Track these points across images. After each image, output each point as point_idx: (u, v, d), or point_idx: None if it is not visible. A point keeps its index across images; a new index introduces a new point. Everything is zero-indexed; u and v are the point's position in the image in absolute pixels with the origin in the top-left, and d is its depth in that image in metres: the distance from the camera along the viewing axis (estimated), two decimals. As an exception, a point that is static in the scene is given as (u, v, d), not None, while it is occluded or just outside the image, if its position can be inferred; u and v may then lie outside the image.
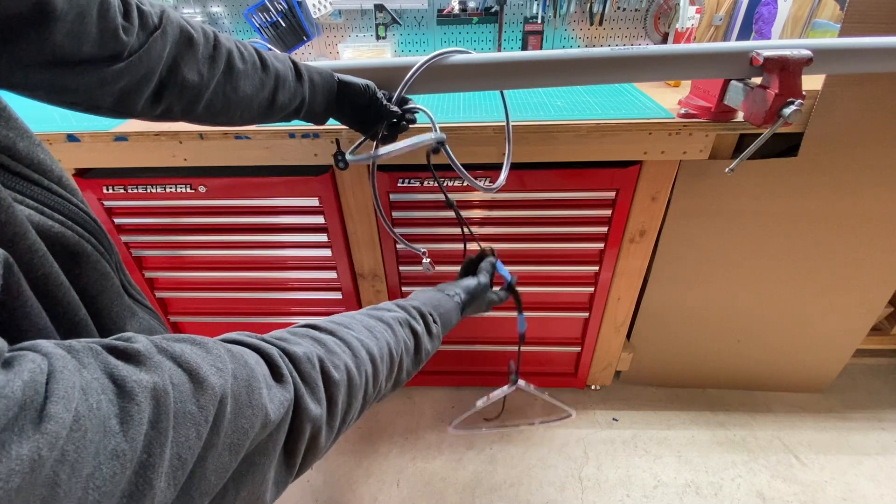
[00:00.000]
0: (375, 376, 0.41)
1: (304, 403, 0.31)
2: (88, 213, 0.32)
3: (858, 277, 1.09)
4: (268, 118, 0.59)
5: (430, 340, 0.52)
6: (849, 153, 0.92)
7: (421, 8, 1.31)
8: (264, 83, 0.55)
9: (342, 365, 0.36)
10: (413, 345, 0.49)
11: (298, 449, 0.31)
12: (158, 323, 0.40)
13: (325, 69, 0.63)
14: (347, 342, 0.39)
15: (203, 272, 1.12)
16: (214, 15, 1.39)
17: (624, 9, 1.29)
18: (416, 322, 0.50)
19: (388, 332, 0.45)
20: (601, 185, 0.96)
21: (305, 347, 0.35)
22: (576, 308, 1.18)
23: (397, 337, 0.46)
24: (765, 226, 1.02)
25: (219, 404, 0.24)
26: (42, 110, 1.03)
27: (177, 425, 0.22)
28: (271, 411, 0.28)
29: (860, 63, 0.66)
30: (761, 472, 1.16)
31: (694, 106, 0.86)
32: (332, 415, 0.34)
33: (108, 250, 0.32)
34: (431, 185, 0.96)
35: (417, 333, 0.50)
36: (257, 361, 0.29)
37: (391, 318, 0.47)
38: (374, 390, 0.41)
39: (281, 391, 0.29)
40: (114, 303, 0.32)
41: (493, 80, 0.68)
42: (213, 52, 0.50)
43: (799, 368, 1.30)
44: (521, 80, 0.68)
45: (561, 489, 1.14)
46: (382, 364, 0.42)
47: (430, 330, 0.52)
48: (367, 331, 0.43)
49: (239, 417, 0.25)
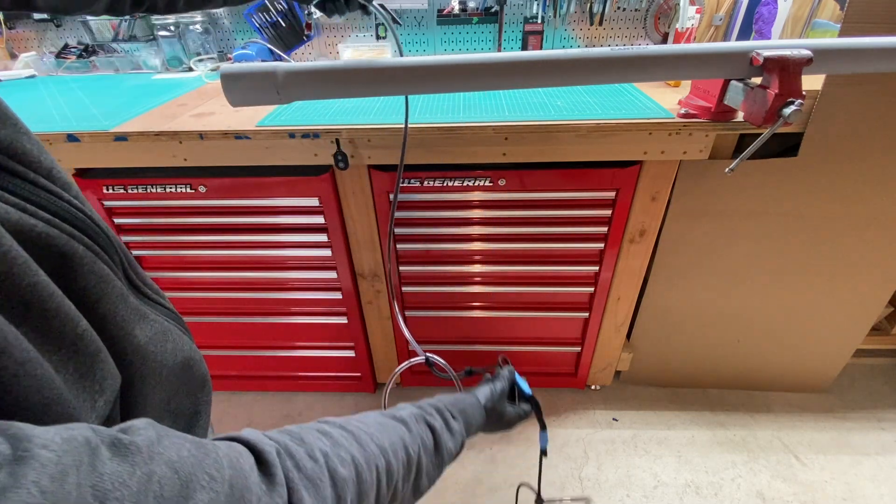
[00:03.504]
0: (389, 473, 0.37)
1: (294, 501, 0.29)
2: (83, 210, 0.28)
3: (858, 277, 1.09)
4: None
5: (452, 438, 0.48)
6: (849, 153, 0.92)
7: (421, 8, 1.31)
8: None
9: (349, 458, 0.34)
10: (431, 442, 0.45)
11: None
12: (176, 323, 0.38)
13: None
14: (356, 435, 0.37)
15: (203, 272, 1.12)
16: (214, 15, 1.39)
17: (624, 9, 1.29)
18: (432, 418, 0.47)
19: (401, 428, 0.42)
20: (601, 185, 0.96)
21: (309, 442, 0.33)
22: (576, 308, 1.18)
23: (412, 433, 0.43)
24: (765, 226, 1.02)
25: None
26: (42, 111, 1.03)
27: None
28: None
29: (860, 63, 0.65)
30: (761, 472, 1.16)
31: (694, 106, 0.86)
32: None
33: (107, 249, 0.30)
34: (432, 184, 0.96)
35: (435, 430, 0.46)
36: (252, 467, 0.27)
37: (405, 415, 0.45)
38: (388, 490, 0.38)
39: (268, 498, 0.27)
40: (118, 308, 0.29)
41: (492, 80, 0.68)
42: None
43: (799, 368, 1.30)
44: (522, 80, 0.67)
45: (561, 489, 1.14)
46: (397, 461, 0.39)
47: (450, 426, 0.49)
48: (379, 426, 0.40)
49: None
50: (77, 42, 1.44)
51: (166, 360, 0.33)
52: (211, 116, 0.95)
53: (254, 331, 1.24)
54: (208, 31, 1.39)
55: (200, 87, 1.21)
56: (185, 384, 0.36)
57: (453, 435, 0.49)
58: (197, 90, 1.17)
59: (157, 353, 0.32)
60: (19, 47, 1.47)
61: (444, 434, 0.47)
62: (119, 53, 1.44)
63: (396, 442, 0.40)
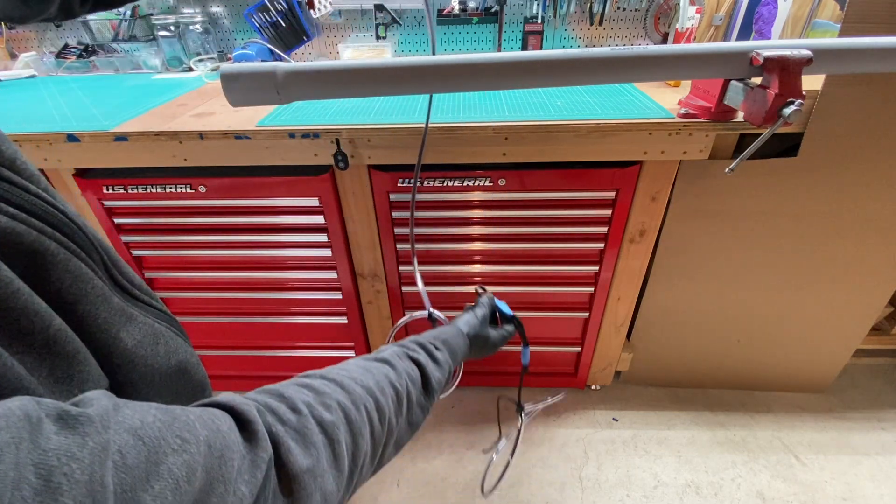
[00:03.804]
0: (380, 410, 0.38)
1: (289, 457, 0.28)
2: (54, 205, 0.26)
3: (858, 277, 1.09)
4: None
5: (438, 368, 0.49)
6: (849, 153, 0.92)
7: (421, 8, 1.30)
8: None
9: (335, 404, 0.34)
10: (418, 375, 0.46)
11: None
12: (169, 325, 0.36)
13: None
14: (338, 382, 0.37)
15: (203, 272, 1.12)
16: (214, 15, 1.39)
17: (624, 9, 1.29)
18: (415, 353, 0.48)
19: (385, 367, 0.43)
20: (601, 185, 0.96)
21: (289, 396, 0.32)
22: (576, 308, 1.18)
23: (397, 370, 0.43)
24: (765, 226, 1.02)
25: (185, 482, 0.20)
26: (42, 111, 1.03)
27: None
28: (246, 489, 0.24)
29: (860, 63, 0.65)
30: (761, 472, 1.16)
31: (694, 106, 0.86)
32: (338, 457, 0.32)
33: (84, 247, 0.28)
34: (432, 184, 0.96)
35: (420, 363, 0.47)
36: (231, 427, 0.26)
37: (387, 355, 0.45)
38: (382, 428, 0.38)
39: (252, 455, 0.26)
40: (99, 309, 0.28)
41: (492, 80, 0.68)
42: None
43: (799, 368, 1.30)
44: (521, 80, 0.67)
45: (561, 489, 1.14)
46: (385, 397, 0.39)
47: (435, 357, 0.50)
48: (362, 370, 0.41)
49: (210, 496, 0.22)
50: (77, 42, 1.44)
51: (159, 365, 0.32)
52: (211, 116, 0.95)
53: (254, 331, 1.24)
54: (208, 31, 1.39)
55: (200, 87, 1.21)
56: (182, 389, 0.35)
57: (440, 365, 0.49)
58: (197, 90, 1.17)
59: (148, 357, 0.31)
60: (19, 47, 1.47)
61: (430, 365, 0.47)
62: (119, 53, 1.44)
63: (382, 380, 0.40)
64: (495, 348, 0.65)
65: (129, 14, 1.36)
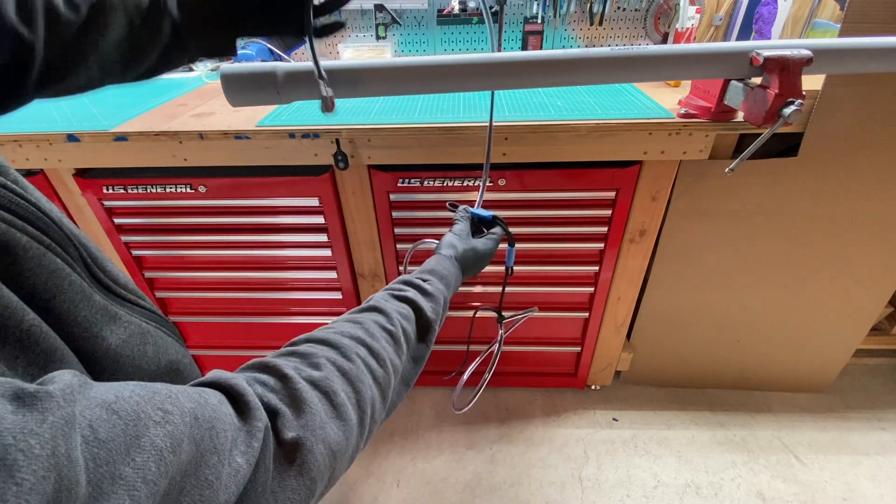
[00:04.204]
0: (376, 355, 0.37)
1: (283, 423, 0.28)
2: (25, 198, 0.25)
3: (858, 277, 1.09)
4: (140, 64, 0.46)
5: (430, 298, 0.47)
6: (849, 153, 0.92)
7: (421, 8, 1.31)
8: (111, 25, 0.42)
9: (323, 360, 0.34)
10: (411, 311, 0.45)
11: (307, 466, 0.28)
12: (159, 325, 0.35)
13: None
14: (324, 340, 0.36)
15: (203, 272, 1.12)
16: (214, 15, 1.38)
17: (624, 9, 1.29)
18: (402, 291, 0.46)
19: (372, 314, 0.42)
20: (601, 185, 0.96)
21: (275, 365, 0.32)
22: (576, 308, 1.18)
23: (386, 312, 0.42)
24: (765, 226, 1.02)
25: (170, 453, 0.20)
26: (42, 111, 1.03)
27: (99, 496, 0.17)
28: (242, 460, 0.24)
29: (860, 63, 0.65)
30: (761, 472, 1.16)
31: (694, 106, 0.86)
32: (337, 406, 0.31)
33: (60, 242, 0.27)
34: (432, 184, 0.96)
35: (409, 298, 0.46)
36: (221, 401, 0.26)
37: (374, 301, 0.44)
38: (385, 370, 0.37)
39: (247, 427, 0.26)
40: (79, 307, 0.27)
41: (492, 80, 0.68)
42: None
43: (799, 368, 1.30)
44: (521, 81, 0.67)
45: (561, 489, 1.14)
46: (377, 342, 0.38)
47: (424, 289, 0.48)
48: (349, 323, 0.40)
49: (202, 467, 0.22)
50: (77, 42, 1.44)
51: (147, 365, 0.31)
52: (211, 116, 0.95)
53: (254, 331, 1.24)
54: (208, 31, 1.39)
55: (200, 87, 1.21)
56: None
57: (431, 296, 0.48)
58: (197, 90, 1.17)
59: (135, 356, 0.30)
60: (19, 47, 1.47)
61: (420, 299, 0.46)
62: (119, 53, 1.44)
63: (371, 326, 0.40)
64: (489, 256, 0.62)
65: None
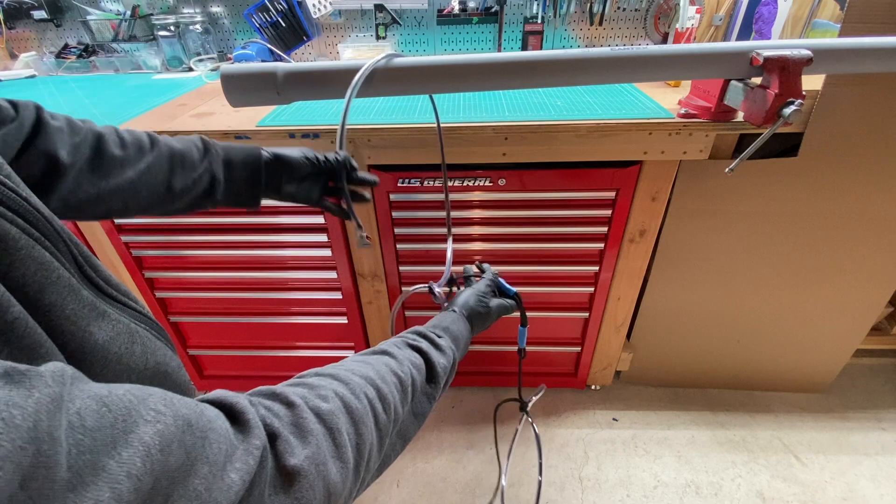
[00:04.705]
0: (383, 398, 0.37)
1: (286, 448, 0.27)
2: (16, 191, 0.26)
3: (858, 277, 1.09)
4: (170, 206, 0.52)
5: (442, 355, 0.47)
6: (849, 153, 0.92)
7: (421, 8, 1.31)
8: (153, 168, 0.48)
9: (331, 394, 0.33)
10: (422, 362, 0.45)
11: (304, 500, 0.27)
12: (148, 328, 0.35)
13: (249, 146, 0.57)
14: (335, 375, 0.36)
15: (203, 272, 1.12)
16: (214, 15, 1.39)
17: (624, 9, 1.29)
18: (416, 341, 0.47)
19: (384, 357, 0.42)
20: (601, 185, 0.96)
21: (282, 392, 0.32)
22: (576, 308, 1.18)
23: (398, 359, 0.42)
24: (765, 226, 1.02)
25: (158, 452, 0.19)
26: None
27: (79, 483, 0.17)
28: (236, 476, 0.23)
29: (860, 63, 0.66)
30: (761, 472, 1.16)
31: (694, 106, 0.86)
32: (340, 446, 0.30)
33: (49, 237, 0.27)
34: (432, 184, 0.96)
35: (422, 350, 0.46)
36: (218, 415, 0.25)
37: (386, 346, 0.44)
38: (388, 416, 0.37)
39: (244, 445, 0.25)
40: (66, 300, 0.27)
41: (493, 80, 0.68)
42: (76, 140, 0.45)
43: (799, 368, 1.30)
44: (521, 81, 0.68)
45: (561, 489, 1.14)
46: (387, 385, 0.38)
47: (437, 344, 0.48)
48: (360, 363, 0.40)
49: (191, 476, 0.21)
50: (77, 42, 1.44)
51: (135, 364, 0.31)
52: (211, 116, 0.95)
53: (254, 331, 1.24)
54: (208, 31, 1.39)
55: (200, 87, 1.21)
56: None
57: (443, 352, 0.48)
58: (197, 90, 1.17)
59: (123, 355, 0.30)
60: (19, 47, 1.47)
61: (433, 352, 0.46)
62: (119, 53, 1.44)
63: (382, 369, 0.39)
64: (496, 319, 0.63)
65: (129, 14, 1.36)
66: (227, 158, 0.55)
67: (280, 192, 0.59)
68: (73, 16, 1.40)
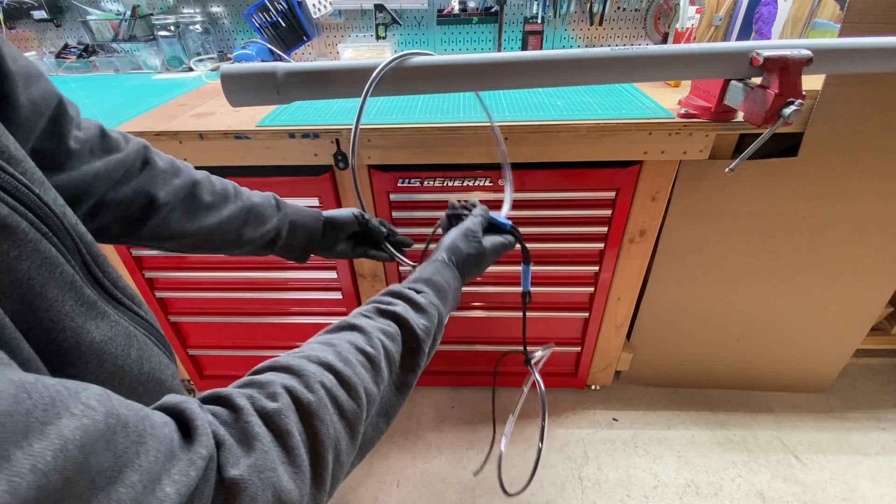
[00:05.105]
0: (346, 383, 0.33)
1: (228, 458, 0.25)
2: (29, 188, 0.26)
3: (858, 277, 1.09)
4: (233, 251, 0.57)
5: (422, 315, 0.42)
6: (849, 153, 0.92)
7: (421, 8, 1.31)
8: (232, 217, 0.53)
9: (280, 390, 0.30)
10: (396, 330, 0.39)
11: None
12: (148, 334, 0.34)
13: (314, 210, 0.63)
14: (287, 366, 0.32)
15: (203, 272, 1.12)
16: (214, 15, 1.39)
17: (624, 9, 1.29)
18: (389, 305, 0.41)
19: (350, 333, 0.38)
20: (601, 185, 0.96)
21: (229, 394, 0.29)
22: (576, 308, 1.18)
23: (366, 332, 0.38)
24: (765, 226, 1.02)
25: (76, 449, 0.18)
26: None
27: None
28: (171, 490, 0.21)
29: (860, 63, 0.66)
30: (761, 472, 1.16)
31: (694, 106, 0.86)
32: (290, 450, 0.28)
33: (58, 233, 0.28)
34: (432, 184, 0.96)
35: (396, 314, 0.40)
36: (166, 423, 0.24)
37: (353, 319, 0.40)
38: (355, 402, 0.33)
39: (188, 455, 0.23)
40: (66, 295, 0.27)
41: (492, 80, 0.68)
42: (176, 182, 0.49)
43: (799, 368, 1.30)
44: (521, 81, 0.67)
45: (561, 489, 1.14)
46: (350, 368, 0.34)
47: (416, 302, 0.42)
48: (321, 344, 0.36)
49: (117, 483, 0.19)
50: (77, 42, 1.44)
51: (129, 367, 0.31)
52: (211, 116, 0.95)
53: (254, 331, 1.24)
54: (208, 31, 1.39)
55: (200, 87, 1.21)
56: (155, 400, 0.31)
57: (423, 311, 0.42)
58: (197, 90, 1.17)
59: (118, 356, 0.30)
60: (19, 47, 1.47)
61: (411, 314, 0.41)
62: (119, 53, 1.44)
63: (344, 349, 0.35)
64: (492, 260, 0.56)
65: (129, 14, 1.36)
66: (293, 220, 0.60)
67: (332, 251, 0.65)
68: (73, 16, 1.40)
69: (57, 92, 0.40)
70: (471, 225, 0.55)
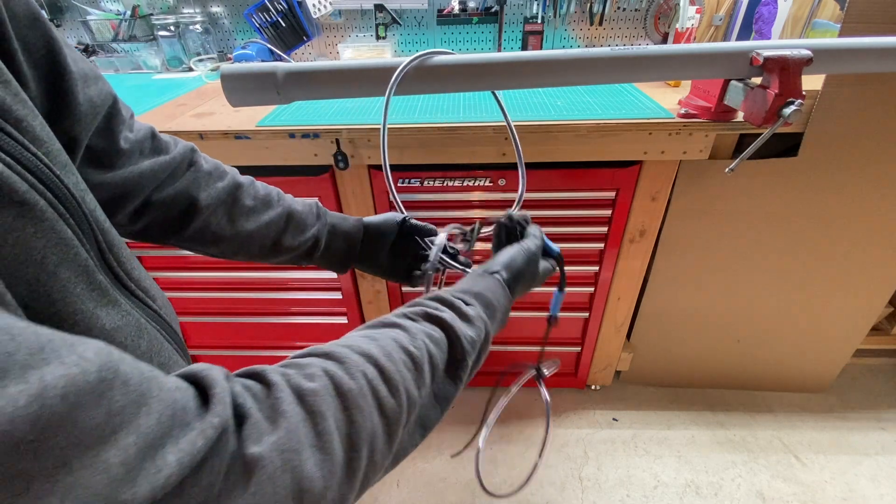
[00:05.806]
0: (388, 379, 0.30)
1: (251, 432, 0.23)
2: (51, 168, 0.26)
3: (858, 277, 1.09)
4: (271, 258, 0.55)
5: (470, 326, 0.38)
6: (848, 153, 0.92)
7: (421, 8, 1.31)
8: (271, 223, 0.52)
9: (319, 373, 0.28)
10: (442, 336, 0.36)
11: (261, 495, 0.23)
12: (160, 329, 0.33)
13: (355, 218, 0.60)
14: (328, 353, 0.31)
15: (203, 272, 1.12)
16: (214, 15, 1.39)
17: (624, 9, 1.29)
18: (437, 310, 0.38)
19: (393, 330, 0.35)
20: (601, 185, 0.96)
21: (264, 371, 0.28)
22: (576, 308, 1.18)
23: (411, 332, 0.35)
24: (765, 226, 1.02)
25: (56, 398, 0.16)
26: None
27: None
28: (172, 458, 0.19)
29: (860, 63, 0.66)
30: (761, 472, 1.16)
31: (694, 106, 0.86)
32: (321, 434, 0.25)
33: (74, 215, 0.27)
34: (432, 184, 0.96)
35: (443, 321, 0.37)
36: (178, 387, 0.22)
37: (397, 317, 0.37)
38: (396, 400, 0.30)
39: (201, 423, 0.21)
40: (79, 277, 0.26)
41: (492, 80, 0.68)
42: (219, 185, 0.49)
43: (799, 368, 1.30)
44: (521, 81, 0.68)
45: (561, 489, 1.14)
46: (394, 364, 0.31)
47: (464, 313, 0.39)
48: (364, 337, 0.34)
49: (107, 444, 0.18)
50: (77, 42, 1.44)
51: (139, 358, 0.29)
52: (211, 116, 0.95)
53: (254, 331, 1.24)
54: (208, 31, 1.39)
55: (200, 87, 1.21)
56: None
57: (471, 322, 0.39)
58: (197, 90, 1.17)
59: (128, 346, 0.30)
60: (19, 47, 1.46)
61: (458, 323, 0.37)
62: (119, 53, 1.44)
63: (388, 344, 0.33)
64: (539, 285, 0.56)
65: (129, 14, 1.36)
66: (333, 225, 0.58)
67: (375, 261, 0.61)
68: (73, 16, 1.40)
69: (113, 93, 0.40)
70: (534, 248, 0.55)
